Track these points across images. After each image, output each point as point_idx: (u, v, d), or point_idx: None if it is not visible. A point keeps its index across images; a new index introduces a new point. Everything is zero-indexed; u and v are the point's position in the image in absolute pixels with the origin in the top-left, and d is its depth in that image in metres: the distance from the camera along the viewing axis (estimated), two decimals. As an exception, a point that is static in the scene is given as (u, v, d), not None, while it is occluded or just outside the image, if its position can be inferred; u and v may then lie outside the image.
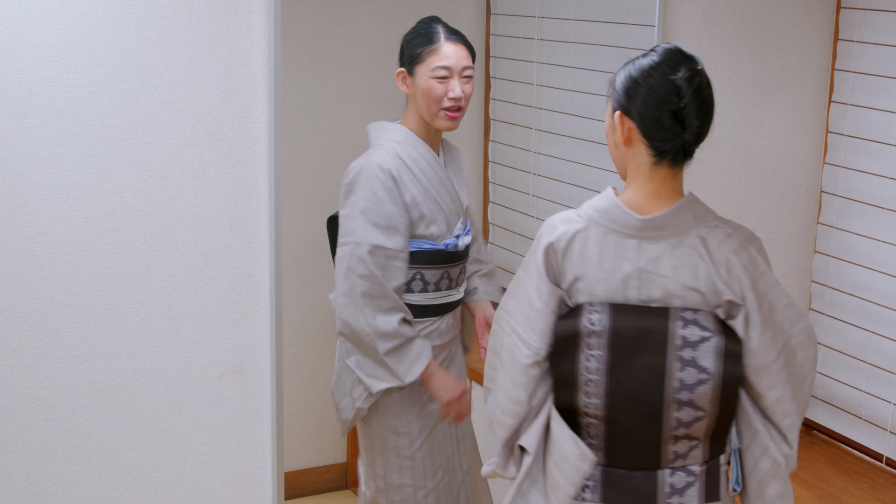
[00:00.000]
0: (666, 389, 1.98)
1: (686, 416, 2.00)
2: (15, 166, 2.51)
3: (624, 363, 2.00)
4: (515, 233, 3.98)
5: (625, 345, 1.99)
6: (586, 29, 3.53)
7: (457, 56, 2.74)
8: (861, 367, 3.13)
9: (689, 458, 2.04)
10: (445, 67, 2.72)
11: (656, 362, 1.98)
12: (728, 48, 3.17)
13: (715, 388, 1.98)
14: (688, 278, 1.98)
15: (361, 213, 2.68)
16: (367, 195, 2.69)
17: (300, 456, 3.97)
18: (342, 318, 2.73)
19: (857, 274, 3.15)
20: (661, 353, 1.98)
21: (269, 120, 2.70)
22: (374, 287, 2.68)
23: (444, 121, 2.77)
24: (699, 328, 1.97)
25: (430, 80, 2.73)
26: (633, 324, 1.99)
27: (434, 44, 2.73)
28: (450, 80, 2.73)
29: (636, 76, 1.98)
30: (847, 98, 3.18)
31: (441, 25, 2.79)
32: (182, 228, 2.69)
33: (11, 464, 2.61)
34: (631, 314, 2.00)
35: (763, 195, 3.30)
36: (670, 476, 2.04)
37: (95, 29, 2.53)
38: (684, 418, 2.00)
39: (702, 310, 1.99)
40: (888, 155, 3.04)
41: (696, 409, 1.99)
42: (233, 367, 2.79)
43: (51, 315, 2.59)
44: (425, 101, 2.75)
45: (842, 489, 2.95)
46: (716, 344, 1.97)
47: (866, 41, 3.10)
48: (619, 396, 2.01)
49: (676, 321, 1.97)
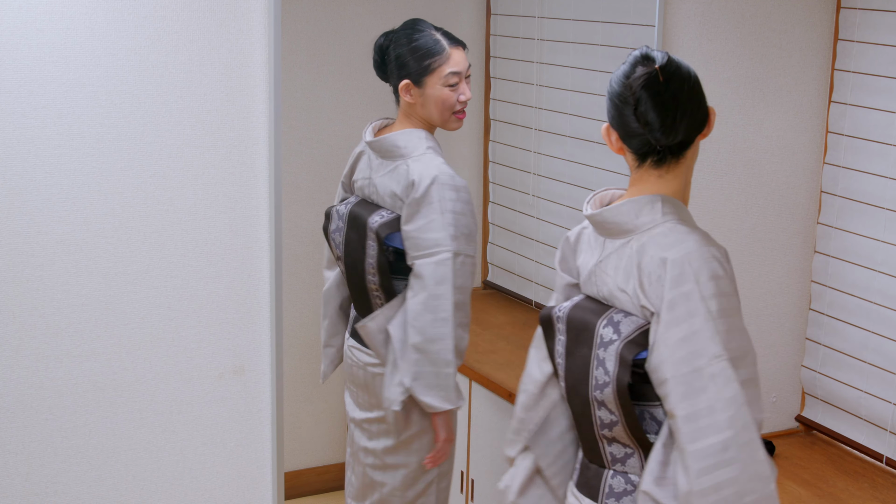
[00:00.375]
0: (589, 385, 2.02)
1: (605, 417, 2.02)
2: (15, 166, 2.51)
3: (573, 352, 2.06)
4: (515, 233, 3.98)
5: (574, 334, 2.06)
6: (586, 29, 3.53)
7: (462, 60, 2.81)
8: (861, 367, 3.13)
9: (628, 466, 2.04)
10: (457, 74, 2.79)
11: (586, 356, 2.03)
12: (728, 48, 3.17)
13: (613, 392, 1.97)
14: (621, 280, 2.00)
15: (454, 223, 2.70)
16: (464, 205, 2.73)
17: (300, 456, 3.97)
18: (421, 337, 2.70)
19: (856, 274, 3.15)
20: (589, 348, 2.02)
21: (269, 120, 2.70)
22: (465, 299, 2.74)
23: (456, 123, 2.86)
24: (613, 330, 1.98)
25: (443, 90, 2.79)
26: (579, 316, 2.06)
27: (441, 54, 2.77)
28: (459, 84, 2.81)
29: (608, 88, 2.04)
30: (847, 98, 3.18)
31: (436, 31, 2.81)
32: (182, 228, 2.69)
33: (11, 464, 2.61)
34: (582, 307, 2.07)
35: (763, 195, 3.30)
36: (611, 478, 2.06)
37: (95, 29, 2.53)
38: (604, 419, 2.02)
39: (633, 315, 1.98)
40: (888, 155, 3.04)
41: (609, 412, 2.00)
42: (233, 367, 2.79)
43: (51, 315, 2.59)
44: (438, 109, 2.81)
45: (842, 489, 2.95)
46: (617, 348, 1.96)
47: (866, 41, 3.10)
48: (570, 382, 2.08)
49: (603, 320, 2.00)
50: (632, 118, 1.97)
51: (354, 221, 2.87)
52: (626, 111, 1.97)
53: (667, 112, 1.96)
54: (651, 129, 1.96)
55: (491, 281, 4.15)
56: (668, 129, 1.96)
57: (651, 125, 1.96)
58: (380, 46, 2.86)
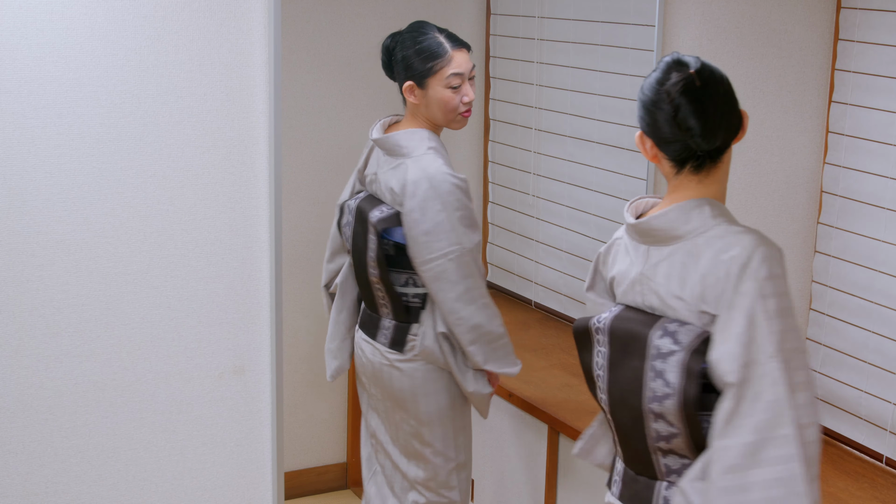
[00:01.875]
0: (643, 397, 1.97)
1: (662, 429, 1.97)
2: (15, 166, 2.51)
3: (619, 363, 2.02)
4: (515, 233, 3.98)
5: (619, 346, 2.02)
6: (586, 29, 3.53)
7: (466, 61, 2.83)
8: (861, 367, 3.13)
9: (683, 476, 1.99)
10: (459, 75, 2.82)
11: (638, 368, 1.98)
12: (728, 48, 3.17)
13: (678, 404, 1.93)
14: (675, 287, 1.97)
15: (459, 221, 2.78)
16: (462, 203, 2.79)
17: (300, 456, 3.97)
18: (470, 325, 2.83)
19: (857, 274, 3.15)
20: (641, 359, 1.97)
21: (269, 120, 2.70)
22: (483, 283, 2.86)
23: (461, 122, 2.90)
24: (672, 341, 1.94)
25: (445, 91, 2.81)
26: (626, 326, 2.01)
27: (443, 56, 2.80)
28: (462, 85, 2.83)
29: (641, 96, 2.01)
30: (847, 98, 3.18)
31: (440, 33, 2.83)
32: (182, 228, 2.69)
33: (11, 464, 2.61)
34: (627, 317, 2.02)
35: (763, 195, 3.30)
36: (665, 489, 2.01)
37: (95, 29, 2.53)
38: (662, 432, 1.98)
39: (689, 322, 1.95)
40: (888, 155, 3.03)
41: (668, 425, 1.96)
42: (233, 367, 2.79)
43: (51, 315, 2.59)
44: (441, 110, 2.84)
45: (842, 489, 2.95)
46: (681, 359, 1.92)
47: (866, 41, 3.10)
48: (616, 395, 2.03)
49: (657, 330, 1.96)
50: (670, 125, 1.94)
51: (360, 216, 2.93)
52: (662, 118, 1.95)
53: (707, 117, 1.94)
54: (692, 135, 1.93)
55: (491, 281, 4.15)
56: (708, 134, 1.94)
57: (691, 130, 1.93)
58: (386, 48, 2.89)
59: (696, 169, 1.98)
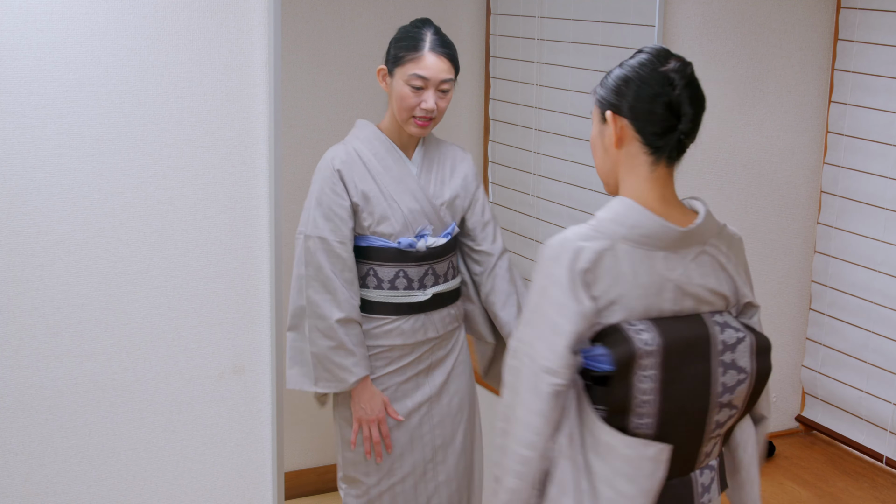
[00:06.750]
0: (711, 395, 1.96)
1: (723, 416, 1.99)
2: (15, 166, 2.51)
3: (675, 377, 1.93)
4: (515, 233, 3.98)
5: (675, 359, 1.93)
6: (586, 29, 3.53)
7: (437, 69, 2.71)
8: (861, 367, 3.13)
9: (712, 455, 2.05)
10: (422, 77, 2.70)
11: (702, 370, 1.95)
12: (728, 48, 3.17)
13: (749, 385, 1.98)
14: (714, 283, 1.99)
15: (316, 206, 2.73)
16: (319, 188, 2.74)
17: (300, 456, 3.97)
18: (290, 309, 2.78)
19: (856, 274, 3.15)
20: (706, 360, 1.94)
21: (269, 120, 2.70)
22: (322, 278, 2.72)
23: (413, 127, 2.76)
24: (733, 330, 1.97)
25: (404, 87, 2.71)
26: (680, 335, 1.93)
27: (417, 51, 2.71)
28: (424, 91, 2.71)
29: (627, 73, 1.96)
30: (847, 98, 3.18)
31: (431, 33, 2.75)
32: (182, 228, 2.69)
33: (11, 464, 2.61)
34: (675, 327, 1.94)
35: (763, 195, 3.30)
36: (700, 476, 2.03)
37: (95, 29, 2.53)
38: (722, 419, 1.99)
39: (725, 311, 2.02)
40: (888, 155, 3.04)
41: (731, 409, 1.99)
42: (233, 367, 2.79)
43: (51, 315, 2.59)
44: (397, 106, 2.75)
45: (842, 489, 2.95)
46: (750, 343, 1.97)
47: (866, 41, 3.10)
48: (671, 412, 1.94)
49: (714, 327, 1.96)
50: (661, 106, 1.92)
51: None
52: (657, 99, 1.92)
53: (699, 107, 1.95)
54: (685, 119, 1.92)
55: (491, 281, 4.14)
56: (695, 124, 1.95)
57: (685, 115, 1.92)
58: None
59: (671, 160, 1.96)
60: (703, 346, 1.94)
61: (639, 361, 1.89)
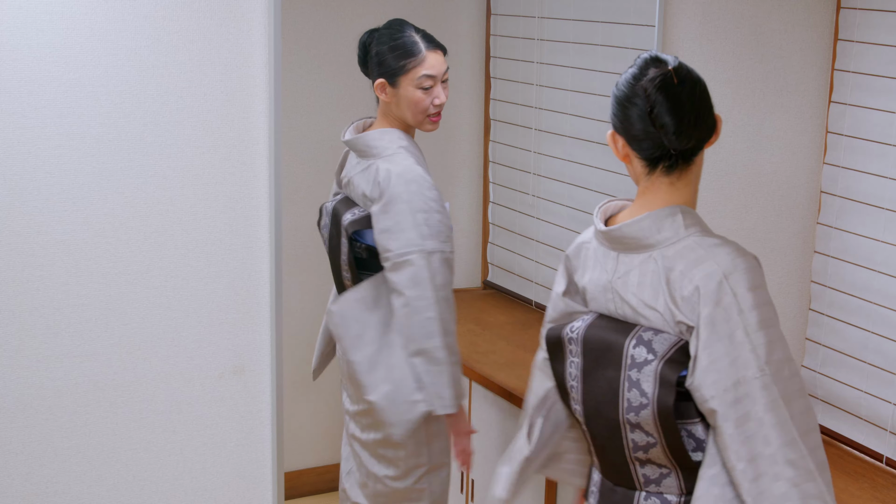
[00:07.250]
0: (619, 407, 1.94)
1: (639, 439, 1.94)
2: (15, 166, 2.51)
3: (592, 373, 1.97)
4: (515, 233, 3.98)
5: (593, 356, 1.97)
6: (586, 29, 3.53)
7: (439, 64, 2.80)
8: (861, 367, 3.13)
9: (663, 486, 1.97)
10: (431, 77, 2.78)
11: (613, 378, 1.94)
12: (728, 48, 3.17)
13: (654, 413, 1.90)
14: (648, 296, 1.92)
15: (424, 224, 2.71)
16: (425, 203, 2.72)
17: (300, 456, 3.97)
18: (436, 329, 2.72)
19: (856, 274, 3.15)
20: (617, 369, 1.93)
21: (269, 120, 2.70)
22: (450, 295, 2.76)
23: (430, 125, 2.85)
24: (647, 350, 1.90)
25: (416, 91, 2.78)
26: (600, 336, 1.96)
27: (416, 55, 2.77)
28: (434, 87, 2.80)
29: (615, 92, 1.96)
30: (847, 98, 3.18)
31: (416, 33, 2.81)
32: (182, 228, 2.69)
33: (11, 464, 2.62)
34: (601, 326, 1.98)
35: (763, 195, 3.30)
36: (645, 499, 1.99)
37: (95, 29, 2.53)
38: (639, 441, 1.94)
39: (664, 331, 1.92)
40: (888, 155, 3.04)
41: (646, 434, 1.93)
42: (233, 367, 2.79)
43: (51, 315, 2.60)
44: (412, 111, 2.80)
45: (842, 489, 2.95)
46: (654, 368, 1.89)
47: (866, 41, 3.10)
48: (590, 406, 1.99)
49: (631, 339, 1.92)
50: (643, 121, 1.90)
51: (334, 218, 2.91)
52: (635, 114, 1.90)
53: (682, 115, 1.89)
54: (666, 132, 1.88)
55: (491, 281, 4.15)
56: (682, 133, 1.89)
57: (666, 128, 1.88)
58: (363, 43, 2.88)
59: (669, 170, 1.93)
60: (616, 355, 1.94)
61: (567, 346, 2.02)
